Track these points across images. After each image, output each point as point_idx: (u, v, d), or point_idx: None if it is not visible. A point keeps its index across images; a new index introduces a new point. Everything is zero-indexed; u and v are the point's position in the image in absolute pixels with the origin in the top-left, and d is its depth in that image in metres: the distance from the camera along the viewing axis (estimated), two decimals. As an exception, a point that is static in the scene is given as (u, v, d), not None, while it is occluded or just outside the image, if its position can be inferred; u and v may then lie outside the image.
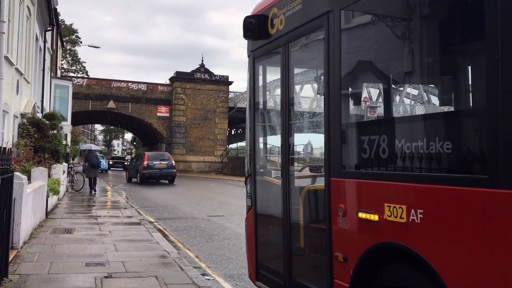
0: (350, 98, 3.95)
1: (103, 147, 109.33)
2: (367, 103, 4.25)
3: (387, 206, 3.14)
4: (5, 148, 5.50)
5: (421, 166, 3.06)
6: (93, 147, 28.37)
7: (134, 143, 74.52)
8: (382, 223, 3.19)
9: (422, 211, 2.88)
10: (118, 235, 9.84)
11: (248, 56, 5.31)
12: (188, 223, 12.30)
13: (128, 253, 7.99)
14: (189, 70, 46.60)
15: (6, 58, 12.34)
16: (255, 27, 4.83)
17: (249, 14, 5.11)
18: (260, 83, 5.25)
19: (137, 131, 60.87)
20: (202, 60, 47.92)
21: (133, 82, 45.83)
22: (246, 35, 4.93)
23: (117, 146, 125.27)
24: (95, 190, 19.96)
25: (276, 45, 4.65)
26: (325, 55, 3.85)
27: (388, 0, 3.49)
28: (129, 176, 30.98)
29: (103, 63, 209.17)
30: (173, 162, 29.54)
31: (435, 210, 2.82)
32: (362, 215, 3.37)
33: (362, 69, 3.99)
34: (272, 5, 4.73)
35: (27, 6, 16.25)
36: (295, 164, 4.64)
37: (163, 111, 45.85)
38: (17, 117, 15.24)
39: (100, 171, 29.13)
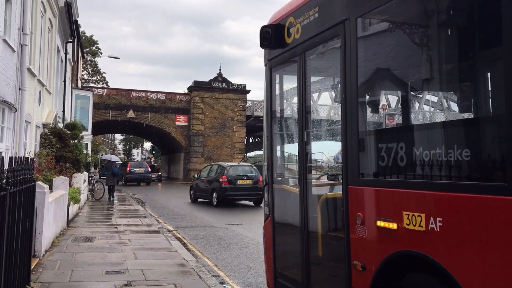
0: (367, 106, 3.94)
1: (123, 156, 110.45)
2: (385, 110, 4.25)
3: (406, 214, 3.13)
4: (28, 157, 5.61)
5: (439, 174, 3.03)
6: (113, 158, 28.94)
7: (153, 152, 75.16)
8: (400, 231, 3.17)
9: (441, 219, 2.86)
10: (137, 243, 9.92)
11: (265, 65, 5.38)
12: (206, 232, 12.33)
13: (147, 261, 8.04)
14: (207, 79, 46.92)
15: (29, 69, 12.62)
16: (272, 37, 4.89)
17: (266, 23, 5.17)
18: (277, 91, 5.30)
19: (156, 140, 61.39)
20: (220, 69, 48.23)
21: (152, 92, 46.31)
22: (263, 44, 4.98)
23: (137, 155, 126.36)
24: (113, 197, 21.04)
25: (293, 54, 4.70)
26: (342, 63, 3.86)
27: (404, 8, 3.47)
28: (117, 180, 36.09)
29: (123, 73, 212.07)
30: (149, 169, 39.04)
31: (454, 218, 2.80)
32: (380, 223, 3.35)
33: (379, 77, 3.98)
34: (288, 15, 4.78)
35: (49, 19, 16.61)
36: (313, 172, 4.64)
37: (181, 120, 46.19)
38: (39, 127, 15.53)
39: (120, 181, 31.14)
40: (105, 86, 55.00)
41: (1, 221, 3.99)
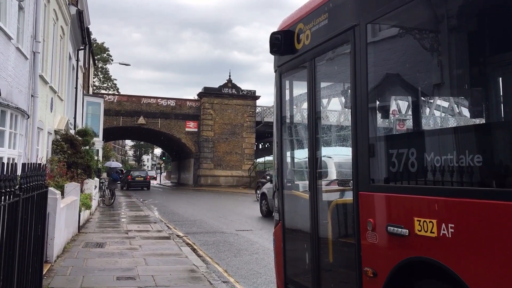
0: (377, 112, 3.93)
1: (133, 162, 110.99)
2: (396, 116, 4.19)
3: (417, 220, 3.12)
4: (40, 164, 5.66)
5: (451, 180, 3.02)
6: (113, 164, 30.05)
7: (163, 158, 75.37)
8: (412, 238, 3.15)
9: (453, 225, 2.85)
10: (148, 249, 9.95)
11: (275, 71, 5.37)
12: (216, 238, 12.33)
13: (158, 267, 8.06)
14: (216, 85, 47.12)
15: (41, 77, 12.77)
16: (281, 43, 4.89)
17: (275, 30, 5.20)
18: (287, 97, 5.31)
19: (166, 146, 61.63)
20: (230, 76, 48.34)
21: (162, 98, 46.58)
22: (272, 50, 5.00)
23: (147, 161, 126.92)
24: (114, 198, 22.73)
25: (303, 60, 4.71)
26: (352, 68, 3.85)
27: (413, 13, 3.46)
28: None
29: (133, 79, 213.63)
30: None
31: (466, 224, 2.78)
32: (391, 229, 3.32)
33: (390, 82, 3.97)
34: (298, 21, 4.79)
35: (61, 26, 16.82)
36: (323, 178, 4.64)
37: (191, 126, 46.38)
38: (51, 133, 15.69)
39: (119, 183, 32.30)
40: (116, 93, 55.44)
41: (14, 227, 4.03)
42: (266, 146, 53.53)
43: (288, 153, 5.43)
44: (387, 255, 3.43)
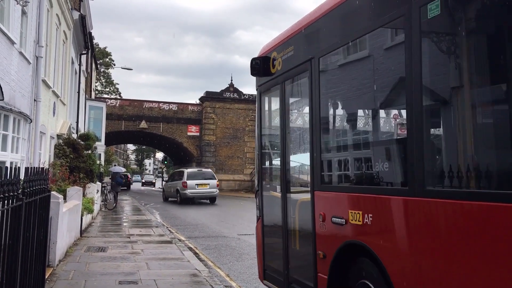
0: (324, 130, 4.89)
1: (135, 166, 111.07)
2: (337, 133, 5.11)
3: (350, 212, 4.13)
4: (43, 168, 5.68)
5: (368, 181, 4.17)
6: (116, 169, 30.84)
7: (165, 162, 75.38)
8: (347, 226, 4.16)
9: (371, 215, 3.87)
10: (150, 253, 9.95)
11: (256, 89, 6.38)
12: (218, 242, 12.32)
13: (160, 272, 8.06)
14: (218, 89, 47.16)
15: (44, 81, 12.81)
16: (260, 67, 5.93)
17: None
18: (266, 113, 6.37)
19: (168, 151, 61.65)
20: (231, 80, 48.60)
21: (164, 103, 46.66)
22: (253, 73, 6.03)
23: (149, 165, 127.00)
24: (116, 201, 23.29)
25: (276, 82, 5.75)
26: (309, 92, 4.90)
27: (351, 50, 4.48)
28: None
29: (135, 83, 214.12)
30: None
31: (378, 214, 3.80)
32: (334, 220, 4.34)
33: (335, 104, 4.99)
34: (273, 50, 5.86)
35: (64, 31, 16.88)
36: (291, 181, 5.59)
37: (193, 131, 46.42)
38: (54, 138, 15.71)
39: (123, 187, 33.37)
40: (118, 97, 55.54)
41: (16, 231, 4.03)
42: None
43: (266, 160, 6.52)
44: (332, 241, 4.40)
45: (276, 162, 6.11)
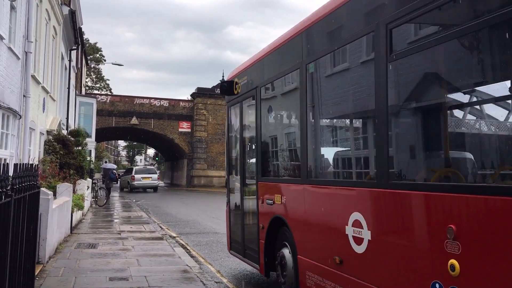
0: (265, 140, 6.92)
1: (126, 162, 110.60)
2: (272, 143, 6.99)
3: (276, 195, 6.18)
4: (32, 164, 5.64)
5: (282, 173, 6.55)
6: (109, 165, 31.54)
7: (157, 158, 75.30)
8: (275, 205, 6.21)
9: (285, 197, 5.97)
10: (140, 249, 9.93)
11: (226, 104, 8.62)
12: (209, 238, 12.33)
13: (150, 268, 8.05)
14: (210, 86, 47.07)
15: (33, 77, 12.71)
16: (227, 88, 7.83)
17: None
18: (232, 123, 8.44)
19: (159, 147, 61.51)
20: (223, 76, 48.29)
21: (156, 99, 46.47)
22: (222, 92, 8.00)
23: (140, 161, 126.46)
24: (109, 197, 24.36)
25: (237, 101, 7.84)
26: (255, 113, 6.96)
27: (285, 83, 6.31)
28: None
29: (126, 79, 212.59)
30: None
31: (288, 196, 5.90)
32: (267, 201, 6.42)
33: (272, 124, 6.96)
34: (235, 76, 7.92)
35: (53, 26, 16.74)
36: (246, 174, 7.60)
37: (184, 127, 46.32)
38: (43, 134, 15.61)
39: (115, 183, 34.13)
40: (109, 93, 55.26)
41: (5, 228, 4.01)
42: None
43: (232, 159, 8.50)
44: (266, 216, 6.43)
45: (237, 161, 8.14)
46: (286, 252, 5.87)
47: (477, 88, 3.63)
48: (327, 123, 5.68)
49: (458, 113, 3.91)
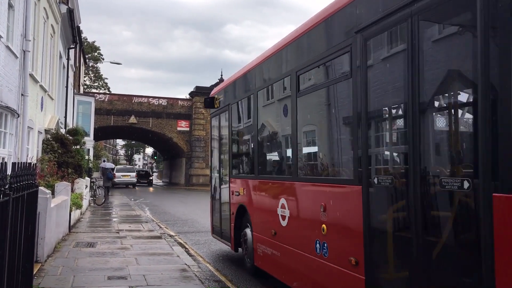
0: (234, 146, 9.05)
1: (125, 161, 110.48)
2: (238, 148, 9.14)
3: (241, 188, 8.07)
4: (30, 163, 5.63)
5: (243, 170, 8.54)
6: (107, 165, 31.69)
7: (155, 157, 75.16)
8: (240, 196, 8.12)
9: (244, 188, 7.94)
10: (139, 248, 9.93)
11: (210, 115, 10.83)
12: (208, 237, 12.31)
13: (149, 267, 8.05)
14: (208, 84, 46.97)
15: (31, 75, 12.68)
16: (209, 103, 9.70)
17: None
18: (213, 132, 10.48)
19: (158, 146, 61.42)
20: (222, 75, 48.36)
21: (154, 97, 46.40)
22: (205, 106, 9.93)
23: (138, 160, 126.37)
24: (108, 195, 24.82)
25: (217, 113, 9.83)
26: (228, 124, 8.98)
27: (242, 104, 8.41)
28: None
29: (124, 78, 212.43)
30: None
31: (246, 188, 7.85)
32: (236, 193, 8.36)
33: (238, 133, 8.84)
34: (216, 93, 9.89)
35: (51, 25, 16.70)
36: (223, 173, 9.53)
37: (183, 126, 46.27)
38: (41, 133, 15.58)
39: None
40: (107, 92, 55.12)
41: (3, 227, 4.00)
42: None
43: (214, 161, 10.46)
44: (235, 205, 8.38)
45: (217, 162, 10.03)
46: (248, 231, 7.88)
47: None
48: (267, 137, 7.52)
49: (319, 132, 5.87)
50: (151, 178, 55.65)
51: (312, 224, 5.28)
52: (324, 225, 4.97)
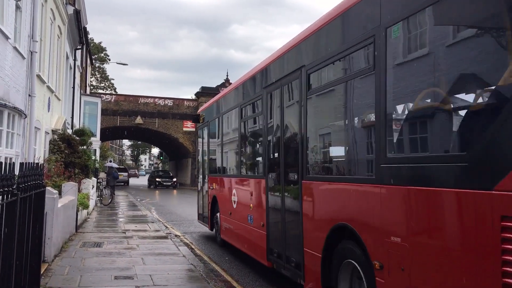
0: (212, 152, 11.70)
1: (131, 162, 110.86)
2: (216, 153, 11.32)
3: (214, 183, 11.28)
4: (37, 163, 5.66)
5: (230, 171, 10.01)
6: (113, 165, 32.40)
7: (161, 157, 75.37)
8: (213, 189, 11.31)
9: (217, 185, 11.04)
10: (145, 248, 9.95)
11: (196, 128, 14.47)
12: (214, 237, 12.31)
13: (155, 267, 8.06)
14: (214, 84, 47.15)
15: (38, 76, 12.75)
16: (196, 119, 12.96)
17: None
18: (199, 141, 13.54)
19: (164, 146, 61.56)
20: (227, 75, 48.62)
21: (160, 98, 46.53)
22: (193, 121, 13.35)
23: (144, 161, 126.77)
24: (114, 194, 25.03)
25: (203, 126, 12.61)
26: (207, 137, 12.29)
27: (215, 123, 11.19)
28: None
29: (129, 78, 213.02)
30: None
31: (218, 184, 10.89)
32: (211, 187, 11.53)
33: (212, 143, 11.72)
34: (201, 111, 12.86)
35: (58, 26, 16.78)
36: (205, 172, 12.41)
37: (189, 126, 46.29)
38: (48, 133, 15.65)
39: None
40: (113, 93, 55.32)
41: (11, 226, 4.02)
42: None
43: (199, 164, 13.60)
44: (211, 196, 11.39)
45: (201, 164, 13.09)
46: (218, 214, 10.72)
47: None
48: (227, 145, 10.26)
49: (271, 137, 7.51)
50: (175, 180, 48.02)
51: (246, 204, 8.26)
52: (251, 204, 7.99)
